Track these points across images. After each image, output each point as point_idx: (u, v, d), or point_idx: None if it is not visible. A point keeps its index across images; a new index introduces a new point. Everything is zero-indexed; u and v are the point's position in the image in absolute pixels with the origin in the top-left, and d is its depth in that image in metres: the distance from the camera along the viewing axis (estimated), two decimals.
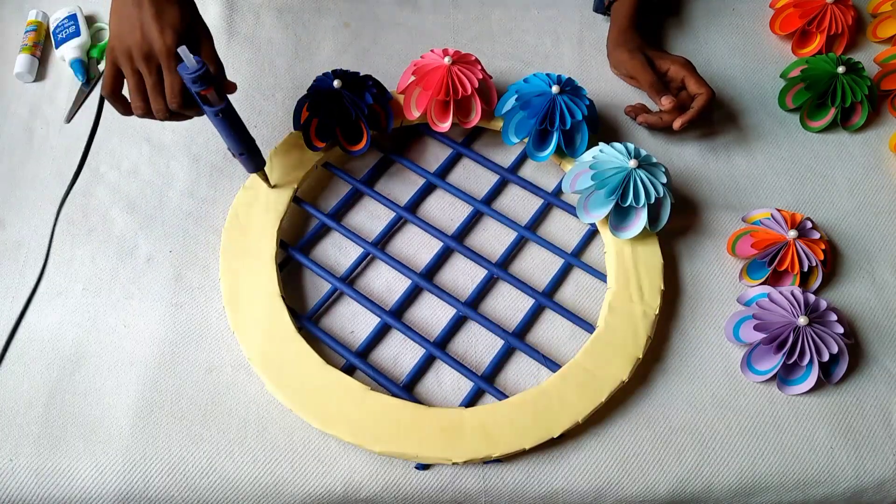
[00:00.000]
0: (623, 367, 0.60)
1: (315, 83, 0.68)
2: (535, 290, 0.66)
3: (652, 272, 0.65)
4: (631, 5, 0.80)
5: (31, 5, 0.83)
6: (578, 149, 0.70)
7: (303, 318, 0.64)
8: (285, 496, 0.57)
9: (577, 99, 0.69)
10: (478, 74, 0.70)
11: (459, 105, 0.71)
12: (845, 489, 0.59)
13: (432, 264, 0.68)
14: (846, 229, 0.72)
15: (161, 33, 0.55)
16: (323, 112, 0.67)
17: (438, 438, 0.57)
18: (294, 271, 0.68)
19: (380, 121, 0.71)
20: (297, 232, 0.70)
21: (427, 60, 0.71)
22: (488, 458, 0.57)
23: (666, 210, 0.65)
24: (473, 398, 0.61)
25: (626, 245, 0.66)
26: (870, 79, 0.77)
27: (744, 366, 0.63)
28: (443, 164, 0.74)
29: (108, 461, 0.57)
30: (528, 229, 0.69)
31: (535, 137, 0.70)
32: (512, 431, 0.57)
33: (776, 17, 0.85)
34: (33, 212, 0.69)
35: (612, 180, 0.63)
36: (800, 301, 0.62)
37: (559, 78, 0.70)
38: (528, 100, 0.69)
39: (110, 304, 0.65)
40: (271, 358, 0.60)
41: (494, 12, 0.86)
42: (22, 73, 0.77)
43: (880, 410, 0.62)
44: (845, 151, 0.77)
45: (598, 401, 0.59)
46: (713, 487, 0.59)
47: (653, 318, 0.63)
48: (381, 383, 0.61)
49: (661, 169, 0.65)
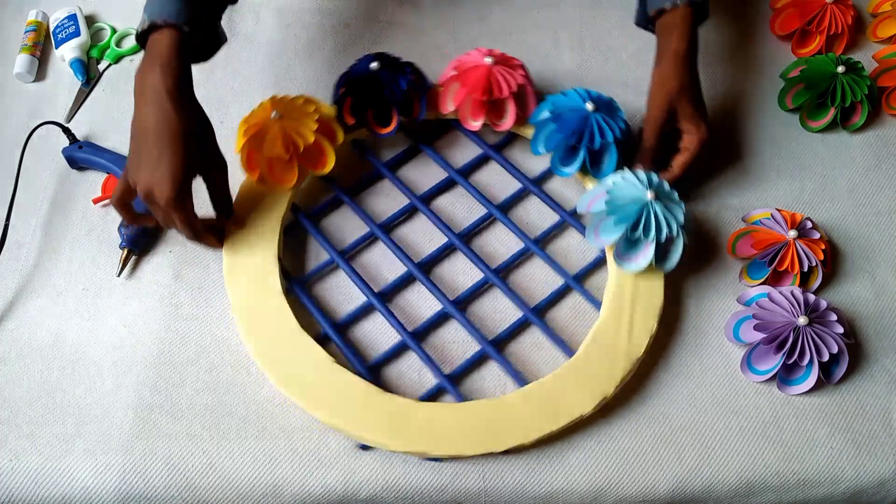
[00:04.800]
0: (588, 401, 0.59)
1: (357, 62, 0.69)
2: (526, 304, 0.64)
3: (648, 312, 0.63)
4: (687, 18, 0.67)
5: (31, 5, 0.83)
6: (605, 170, 0.68)
7: (293, 281, 0.65)
8: (285, 496, 0.57)
9: (610, 119, 0.67)
10: (518, 79, 0.69)
11: (494, 106, 0.71)
12: (845, 489, 0.59)
13: (432, 257, 0.68)
14: (846, 229, 0.72)
15: (160, 182, 0.56)
16: (357, 91, 0.68)
17: (384, 424, 0.57)
18: (300, 237, 0.69)
19: (412, 108, 0.71)
20: (312, 200, 0.71)
21: (470, 57, 0.71)
22: (425, 454, 0.57)
23: (677, 250, 0.63)
24: (433, 395, 0.61)
25: (629, 278, 0.64)
26: (869, 78, 0.77)
27: (744, 366, 0.63)
28: (469, 162, 0.73)
29: (108, 461, 0.57)
30: (536, 243, 0.68)
31: (563, 152, 0.69)
32: (457, 435, 0.57)
33: (776, 17, 0.84)
34: (33, 212, 0.69)
35: (626, 209, 0.61)
36: (800, 301, 0.62)
37: (595, 95, 0.68)
38: (560, 113, 0.67)
39: (110, 304, 0.65)
40: (252, 311, 0.62)
41: (494, 12, 0.86)
42: (22, 73, 0.77)
43: (880, 410, 0.62)
44: (845, 151, 0.77)
45: (553, 427, 0.57)
46: (713, 487, 0.59)
47: (635, 359, 0.60)
48: (348, 359, 0.62)
49: (680, 207, 0.63)
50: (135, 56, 0.81)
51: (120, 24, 0.83)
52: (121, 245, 0.66)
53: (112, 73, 0.79)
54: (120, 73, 0.79)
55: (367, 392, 0.59)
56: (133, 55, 0.81)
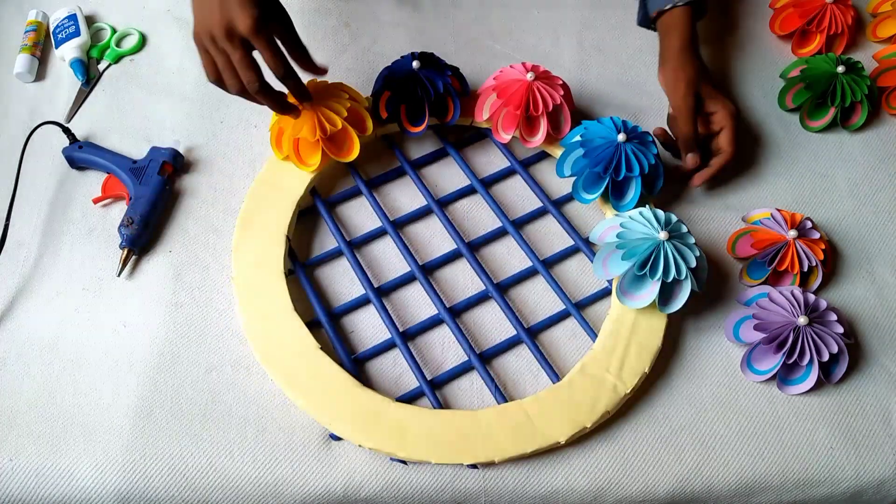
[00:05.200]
0: (564, 430, 0.57)
1: (401, 59, 0.70)
2: (522, 323, 0.64)
3: (643, 352, 0.61)
4: (686, 17, 0.72)
5: (31, 5, 0.83)
6: (626, 202, 0.67)
7: (297, 263, 0.66)
8: (285, 496, 0.57)
9: (640, 152, 0.66)
10: (556, 98, 0.69)
11: (528, 122, 0.71)
12: (845, 489, 0.59)
13: (436, 261, 0.68)
14: (846, 229, 0.72)
15: (237, 9, 0.56)
16: (394, 87, 0.69)
17: (355, 417, 0.57)
18: (314, 222, 0.70)
19: (446, 111, 0.71)
20: (332, 187, 0.72)
21: (513, 70, 0.70)
22: (392, 454, 0.57)
23: (683, 294, 0.60)
24: (411, 398, 0.61)
25: (629, 314, 0.63)
26: (869, 78, 0.77)
27: (744, 366, 0.63)
28: (493, 173, 0.73)
29: (108, 461, 0.57)
30: (543, 265, 0.67)
31: (588, 178, 0.67)
32: (427, 441, 0.57)
33: (776, 17, 0.85)
34: (33, 212, 0.69)
35: (637, 245, 0.59)
36: (800, 301, 0.62)
37: (631, 127, 0.67)
38: (590, 139, 0.66)
39: (110, 304, 0.65)
40: (251, 285, 0.63)
41: (494, 12, 0.86)
42: (22, 73, 0.77)
43: (880, 410, 0.62)
44: (845, 151, 0.77)
45: (524, 450, 0.57)
46: (713, 487, 0.59)
47: (620, 396, 0.59)
48: (335, 347, 0.62)
49: (692, 251, 0.60)
50: (135, 56, 0.81)
51: (120, 24, 0.83)
52: (121, 245, 0.66)
53: (112, 73, 0.79)
54: (120, 73, 0.79)
55: (345, 383, 0.59)
56: (133, 55, 0.81)
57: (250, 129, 0.75)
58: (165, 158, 0.70)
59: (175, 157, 0.71)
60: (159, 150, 0.71)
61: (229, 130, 0.75)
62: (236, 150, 0.74)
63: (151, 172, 0.69)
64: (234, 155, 0.73)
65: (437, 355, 0.64)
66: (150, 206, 0.67)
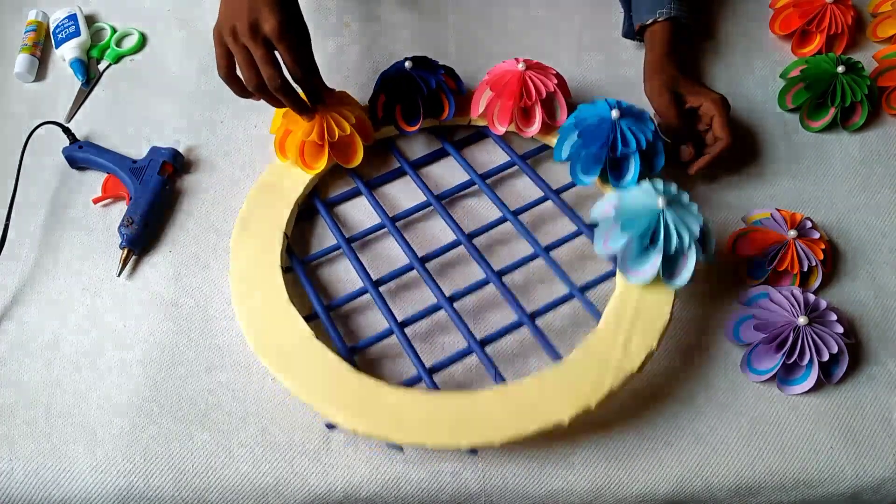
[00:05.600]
0: (566, 409, 0.55)
1: (394, 64, 0.71)
2: (523, 308, 0.63)
3: (649, 329, 0.59)
4: (665, 30, 0.75)
5: (31, 5, 0.83)
6: (627, 180, 0.66)
7: (294, 259, 0.66)
8: (285, 496, 0.57)
9: (636, 129, 0.65)
10: (549, 86, 0.69)
11: (524, 113, 0.71)
12: (845, 489, 0.59)
13: (436, 253, 0.67)
14: (846, 229, 0.72)
15: (270, 8, 0.57)
16: (389, 88, 0.70)
17: (351, 402, 0.56)
18: (313, 222, 0.70)
19: (441, 109, 0.72)
20: (332, 188, 0.72)
21: (504, 65, 0.71)
22: (387, 439, 0.56)
23: (689, 265, 0.58)
24: (409, 384, 0.60)
25: (634, 291, 0.60)
26: (869, 78, 0.77)
27: (744, 366, 0.63)
28: (493, 168, 0.73)
29: (108, 461, 0.57)
30: (546, 251, 0.66)
31: (587, 160, 0.67)
32: (423, 424, 0.55)
33: (776, 17, 0.84)
34: (33, 212, 0.69)
35: (636, 216, 0.58)
36: (800, 301, 0.62)
37: (626, 106, 0.66)
38: (583, 118, 0.66)
39: (110, 304, 0.65)
40: (248, 278, 0.63)
41: (494, 12, 0.86)
42: (22, 73, 0.77)
43: (880, 410, 0.62)
44: (845, 151, 0.77)
45: (525, 431, 0.54)
46: (713, 487, 0.59)
47: (626, 374, 0.57)
48: (331, 337, 0.61)
49: (697, 219, 0.58)
50: (135, 56, 0.81)
51: (120, 24, 0.83)
52: (121, 245, 0.66)
53: (112, 73, 0.79)
54: (120, 73, 0.79)
55: (339, 369, 0.58)
56: (133, 55, 0.81)
57: (250, 129, 0.75)
58: (165, 158, 0.70)
59: (175, 156, 0.71)
60: (159, 149, 0.71)
61: (229, 130, 0.75)
62: (236, 150, 0.74)
63: (151, 172, 0.69)
64: (235, 155, 0.73)
65: (436, 342, 0.64)
66: (150, 206, 0.67)
